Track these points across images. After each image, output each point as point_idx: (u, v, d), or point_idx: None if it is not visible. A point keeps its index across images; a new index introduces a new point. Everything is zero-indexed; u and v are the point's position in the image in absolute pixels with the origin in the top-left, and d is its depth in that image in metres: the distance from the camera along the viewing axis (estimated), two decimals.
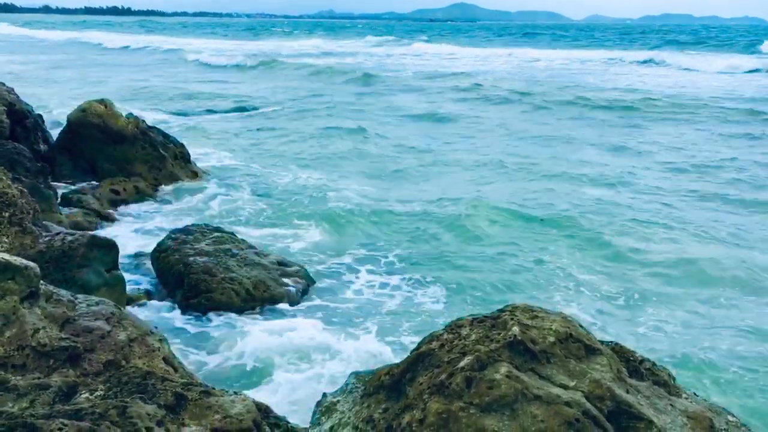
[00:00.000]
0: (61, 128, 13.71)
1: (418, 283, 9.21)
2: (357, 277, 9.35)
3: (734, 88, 35.19)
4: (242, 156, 16.93)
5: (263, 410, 4.38)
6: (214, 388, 4.09)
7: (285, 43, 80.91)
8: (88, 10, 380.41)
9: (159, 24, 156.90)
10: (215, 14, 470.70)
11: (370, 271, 9.56)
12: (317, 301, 8.55)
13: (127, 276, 8.28)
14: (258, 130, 20.93)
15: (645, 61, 52.06)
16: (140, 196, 12.42)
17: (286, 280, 8.65)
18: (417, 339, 5.28)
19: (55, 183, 12.13)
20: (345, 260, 9.94)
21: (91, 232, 7.77)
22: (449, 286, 9.09)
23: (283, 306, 8.22)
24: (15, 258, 4.56)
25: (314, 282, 8.96)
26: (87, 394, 3.88)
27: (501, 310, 4.46)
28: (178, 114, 23.68)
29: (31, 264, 4.62)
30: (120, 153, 13.06)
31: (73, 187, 12.29)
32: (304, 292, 8.63)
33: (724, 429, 4.09)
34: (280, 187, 13.91)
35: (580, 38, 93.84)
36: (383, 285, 9.12)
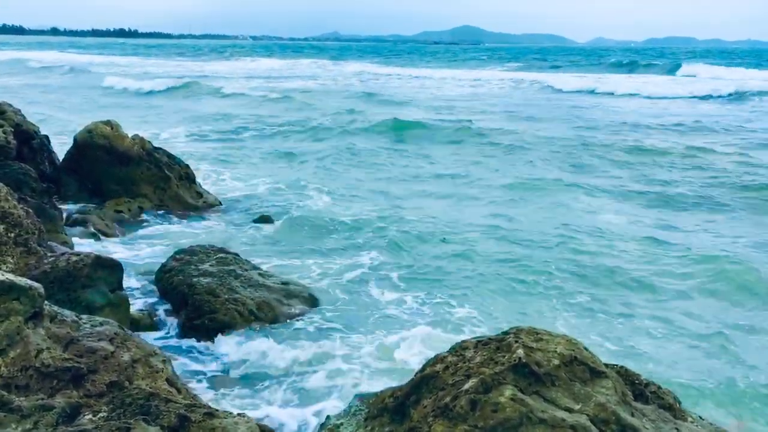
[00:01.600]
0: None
1: (423, 302, 9.20)
2: (361, 298, 9.32)
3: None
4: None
5: None
6: (217, 410, 4.07)
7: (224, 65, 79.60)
8: (96, 33, 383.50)
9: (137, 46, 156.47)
10: (221, 36, 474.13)
11: (373, 291, 9.54)
12: (321, 323, 8.53)
13: (131, 296, 8.30)
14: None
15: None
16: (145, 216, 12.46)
17: (290, 300, 8.64)
18: (422, 361, 5.25)
19: (60, 203, 12.18)
20: (347, 281, 9.92)
21: (95, 253, 7.78)
22: (456, 306, 9.08)
23: (287, 327, 8.21)
24: (20, 278, 4.58)
25: (318, 303, 8.94)
26: (90, 416, 3.87)
27: (505, 333, 4.45)
28: None
29: (36, 284, 4.63)
30: (125, 174, 13.12)
31: (78, 207, 12.33)
32: (307, 313, 8.61)
33: None
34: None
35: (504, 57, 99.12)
36: (387, 305, 9.10)
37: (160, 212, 12.97)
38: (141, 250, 10.93)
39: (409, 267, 10.56)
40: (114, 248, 10.79)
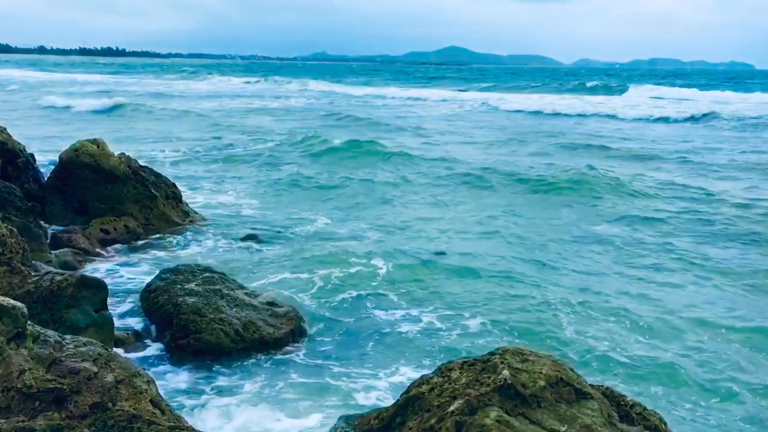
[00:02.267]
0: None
1: (417, 318, 9.21)
2: (349, 316, 9.30)
3: None
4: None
5: None
6: None
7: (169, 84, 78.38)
8: (83, 51, 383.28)
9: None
10: (210, 56, 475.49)
11: (362, 309, 9.51)
12: (307, 342, 8.49)
13: (115, 316, 8.22)
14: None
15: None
16: (130, 236, 12.38)
17: (276, 321, 8.59)
18: (407, 382, 5.24)
19: (45, 222, 12.10)
20: (335, 302, 9.89)
21: (80, 272, 7.73)
22: (444, 325, 9.07)
23: (272, 347, 8.16)
24: (2, 298, 4.54)
25: (304, 322, 8.90)
26: None
27: (491, 353, 4.45)
28: None
29: (19, 304, 4.59)
30: (111, 192, 13.04)
31: (63, 227, 12.26)
32: (293, 333, 8.56)
33: None
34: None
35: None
36: (375, 325, 9.07)
37: (145, 231, 12.89)
38: (126, 269, 10.87)
39: (399, 284, 10.57)
40: (98, 267, 10.73)
